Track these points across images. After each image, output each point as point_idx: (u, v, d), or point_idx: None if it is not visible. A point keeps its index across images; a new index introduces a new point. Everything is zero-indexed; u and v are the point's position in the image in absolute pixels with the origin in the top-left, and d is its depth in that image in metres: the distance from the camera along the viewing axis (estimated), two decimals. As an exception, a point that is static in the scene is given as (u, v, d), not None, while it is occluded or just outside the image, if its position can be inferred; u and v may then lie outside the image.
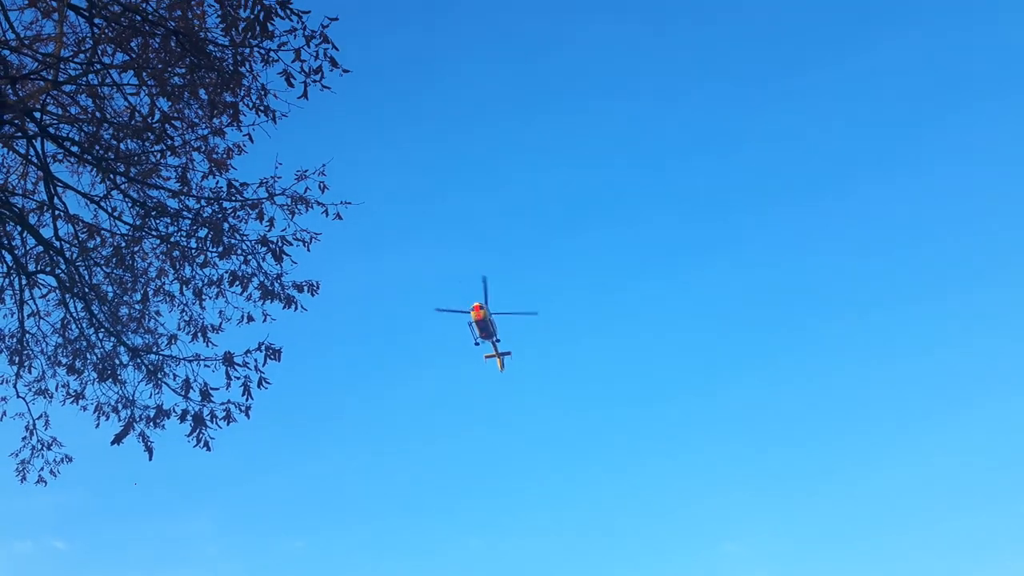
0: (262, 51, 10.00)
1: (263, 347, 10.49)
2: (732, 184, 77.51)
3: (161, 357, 10.87)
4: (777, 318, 73.91)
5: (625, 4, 77.20)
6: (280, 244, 10.57)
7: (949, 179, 74.73)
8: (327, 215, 11.35)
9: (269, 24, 9.37)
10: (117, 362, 10.93)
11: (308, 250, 11.31)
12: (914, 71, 76.61)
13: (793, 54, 79.23)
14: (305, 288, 11.20)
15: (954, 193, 74.32)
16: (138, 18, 9.84)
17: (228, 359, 10.36)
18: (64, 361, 11.08)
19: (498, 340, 45.48)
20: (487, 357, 46.53)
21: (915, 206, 75.55)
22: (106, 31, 10.12)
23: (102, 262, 11.04)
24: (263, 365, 10.47)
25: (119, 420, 10.96)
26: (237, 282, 10.67)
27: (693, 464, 65.06)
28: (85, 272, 10.91)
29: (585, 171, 78.51)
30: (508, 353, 46.48)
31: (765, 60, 79.44)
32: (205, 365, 10.54)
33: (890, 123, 76.73)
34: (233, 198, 10.78)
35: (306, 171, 11.24)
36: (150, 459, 10.74)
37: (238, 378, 10.41)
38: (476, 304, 43.39)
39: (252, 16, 9.38)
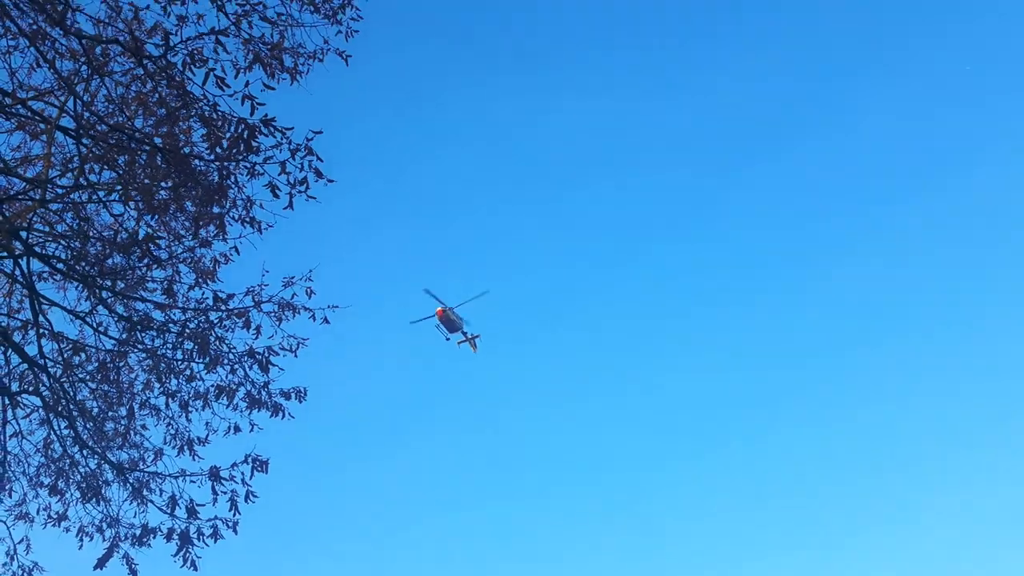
0: (247, 164, 10.15)
1: (249, 459, 10.30)
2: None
3: (146, 474, 10.64)
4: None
5: (602, 85, 79.61)
6: (267, 355, 10.53)
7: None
8: (314, 320, 11.39)
9: (254, 141, 9.55)
10: (101, 480, 10.68)
11: (296, 356, 11.27)
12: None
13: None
14: (292, 395, 11.10)
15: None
16: (125, 136, 10.02)
17: (214, 474, 10.14)
18: (46, 482, 10.83)
19: (466, 331, 51.23)
20: (460, 343, 51.57)
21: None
22: (93, 149, 10.29)
23: (87, 378, 10.93)
24: (250, 478, 10.26)
25: (103, 540, 10.65)
26: (223, 395, 10.56)
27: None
28: (70, 388, 10.78)
29: (569, 256, 79.52)
30: (477, 336, 51.47)
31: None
32: (191, 480, 10.32)
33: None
34: (219, 308, 10.78)
35: (293, 277, 11.32)
36: (134, 582, 10.39)
37: (224, 493, 10.18)
38: (438, 309, 49.86)
39: (237, 134, 9.57)
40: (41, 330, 10.49)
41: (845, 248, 78.41)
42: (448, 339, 50.95)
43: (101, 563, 10.08)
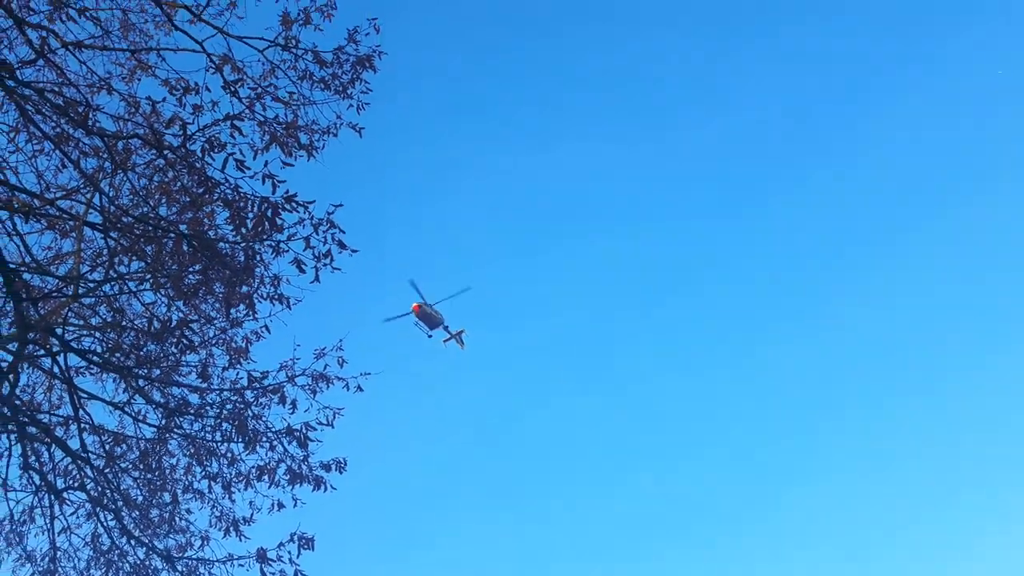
0: (272, 243, 10.25)
1: (295, 538, 10.23)
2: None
3: (194, 561, 10.60)
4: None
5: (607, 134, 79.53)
6: (304, 431, 10.52)
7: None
8: (348, 389, 11.38)
9: (278, 218, 9.66)
10: (150, 570, 10.66)
11: (332, 427, 11.24)
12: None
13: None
14: (332, 467, 11.05)
15: None
16: (151, 226, 10.18)
17: (262, 556, 10.08)
18: (97, 575, 10.83)
19: (447, 326, 49.58)
20: (445, 341, 49.84)
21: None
22: (121, 241, 10.47)
23: (129, 467, 10.98)
24: (297, 557, 10.18)
25: (156, 632, 10.58)
26: (265, 474, 10.55)
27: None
28: (113, 479, 10.83)
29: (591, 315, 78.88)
30: (462, 331, 49.96)
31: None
32: (239, 564, 10.26)
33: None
34: (254, 387, 10.82)
35: (324, 348, 11.35)
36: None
37: (273, 574, 10.10)
38: (414, 304, 48.13)
39: (261, 212, 9.69)
40: (82, 424, 10.60)
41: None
42: (430, 336, 48.97)
43: (155, 655, 10.00)
